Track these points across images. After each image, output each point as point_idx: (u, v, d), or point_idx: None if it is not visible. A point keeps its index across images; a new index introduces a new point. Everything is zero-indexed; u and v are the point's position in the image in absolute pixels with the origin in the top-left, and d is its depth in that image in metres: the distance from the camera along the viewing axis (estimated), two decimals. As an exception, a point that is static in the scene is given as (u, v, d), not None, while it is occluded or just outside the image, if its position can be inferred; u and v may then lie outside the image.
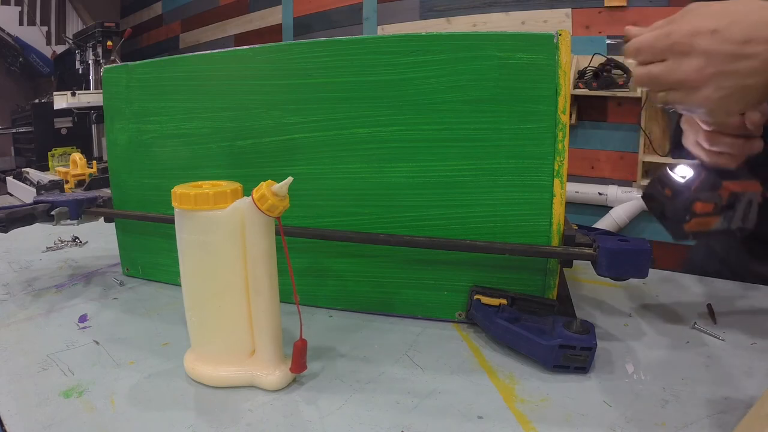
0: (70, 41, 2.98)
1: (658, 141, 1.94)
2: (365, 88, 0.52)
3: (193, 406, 0.41)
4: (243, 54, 0.56)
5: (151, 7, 4.22)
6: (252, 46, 0.56)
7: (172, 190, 0.42)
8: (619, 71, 1.93)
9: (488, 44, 0.48)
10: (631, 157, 2.03)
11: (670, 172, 0.47)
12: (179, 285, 0.45)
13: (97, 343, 0.51)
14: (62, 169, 1.73)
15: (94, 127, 2.51)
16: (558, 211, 0.50)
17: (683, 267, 0.73)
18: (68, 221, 0.67)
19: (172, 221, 0.44)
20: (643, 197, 0.50)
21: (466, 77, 0.49)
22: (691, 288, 0.64)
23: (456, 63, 0.49)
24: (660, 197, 0.47)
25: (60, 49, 3.81)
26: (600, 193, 2.07)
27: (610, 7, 1.99)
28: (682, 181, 0.45)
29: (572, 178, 2.13)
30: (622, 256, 0.47)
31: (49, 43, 4.15)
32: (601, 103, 2.07)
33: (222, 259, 0.42)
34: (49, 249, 0.83)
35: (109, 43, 2.67)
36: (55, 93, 2.38)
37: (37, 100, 2.83)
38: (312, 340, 0.45)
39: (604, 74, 1.93)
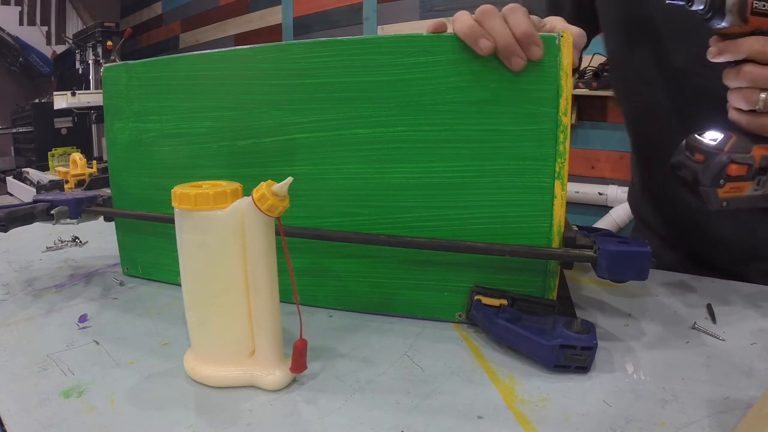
0: (70, 41, 2.99)
1: (658, 141, 1.93)
2: (366, 89, 0.52)
3: (193, 406, 0.41)
4: (243, 54, 0.56)
5: (151, 7, 4.22)
6: (252, 45, 0.56)
7: (171, 190, 0.42)
8: (619, 72, 1.93)
9: (489, 44, 0.48)
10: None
11: (698, 137, 0.45)
12: (179, 285, 0.45)
13: (97, 343, 0.51)
14: (62, 169, 1.73)
15: (94, 127, 2.51)
16: (559, 212, 0.50)
17: None
18: (68, 220, 0.67)
19: (172, 221, 0.44)
20: (672, 166, 0.48)
21: (468, 78, 0.49)
22: (691, 288, 0.64)
23: (457, 64, 0.49)
24: (690, 163, 0.45)
25: (60, 49, 3.82)
26: (600, 193, 2.07)
27: (610, 7, 1.99)
28: (714, 143, 0.44)
29: (572, 178, 2.13)
30: (622, 259, 0.47)
31: (49, 43, 4.15)
32: (601, 103, 2.07)
33: (222, 259, 0.42)
34: (49, 249, 0.83)
35: (109, 43, 2.68)
36: (55, 93, 2.38)
37: (37, 100, 2.83)
38: (312, 340, 0.45)
39: (604, 74, 1.93)
